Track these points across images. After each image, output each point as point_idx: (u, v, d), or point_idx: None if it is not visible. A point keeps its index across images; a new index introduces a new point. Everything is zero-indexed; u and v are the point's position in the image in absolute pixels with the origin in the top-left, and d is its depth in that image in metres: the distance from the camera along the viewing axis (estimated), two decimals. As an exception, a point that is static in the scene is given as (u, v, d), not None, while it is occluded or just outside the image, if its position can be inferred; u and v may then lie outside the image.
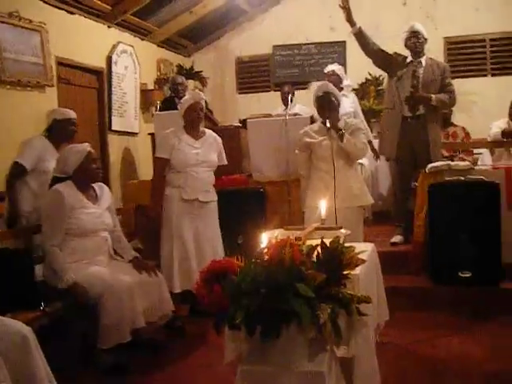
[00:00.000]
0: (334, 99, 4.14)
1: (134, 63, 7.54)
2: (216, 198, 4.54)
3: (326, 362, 2.13)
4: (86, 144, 3.90)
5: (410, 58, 5.38)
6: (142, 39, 7.98)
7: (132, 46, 7.53)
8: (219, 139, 4.61)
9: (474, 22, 8.29)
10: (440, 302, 4.54)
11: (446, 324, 4.23)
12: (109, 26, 7.05)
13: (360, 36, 5.30)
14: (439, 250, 4.60)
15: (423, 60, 5.37)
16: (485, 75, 8.52)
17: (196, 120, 4.44)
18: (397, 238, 5.37)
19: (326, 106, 4.08)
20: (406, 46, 5.41)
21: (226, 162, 4.63)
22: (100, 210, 3.87)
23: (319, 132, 4.09)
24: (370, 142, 6.44)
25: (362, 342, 2.36)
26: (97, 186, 3.97)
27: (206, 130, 4.54)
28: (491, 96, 7.80)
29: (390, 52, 5.48)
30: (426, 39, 5.39)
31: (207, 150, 4.41)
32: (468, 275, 4.50)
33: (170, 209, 4.35)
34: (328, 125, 3.99)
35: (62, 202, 3.64)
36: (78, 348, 3.68)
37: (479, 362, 3.56)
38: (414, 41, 5.32)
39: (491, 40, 8.48)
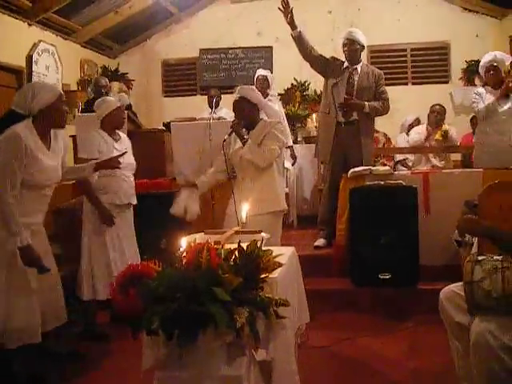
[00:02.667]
0: (246, 105, 4.00)
1: (55, 63, 7.34)
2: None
3: (244, 365, 2.12)
4: None
5: (346, 64, 5.47)
6: (65, 39, 7.79)
7: (54, 46, 7.33)
8: (129, 140, 4.50)
9: (395, 31, 8.57)
10: (361, 303, 4.65)
11: (367, 324, 4.34)
12: (29, 24, 6.84)
13: (300, 39, 5.30)
14: (360, 253, 4.69)
15: (359, 67, 5.47)
16: (406, 84, 8.81)
17: (121, 124, 4.35)
18: (320, 242, 5.43)
19: (237, 111, 4.05)
20: (343, 52, 5.50)
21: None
22: (55, 163, 3.40)
23: (236, 139, 4.07)
24: (290, 147, 6.53)
25: (280, 345, 2.36)
26: (52, 132, 3.44)
27: (120, 133, 4.42)
28: (412, 103, 8.05)
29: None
30: (362, 47, 5.48)
31: (128, 153, 4.33)
32: (388, 277, 4.61)
33: (95, 212, 4.20)
34: (231, 129, 3.95)
35: (22, 147, 3.12)
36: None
37: (399, 360, 3.68)
38: (349, 48, 5.42)
39: (412, 50, 8.79)
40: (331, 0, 8.78)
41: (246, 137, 3.89)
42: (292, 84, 8.63)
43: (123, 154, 3.96)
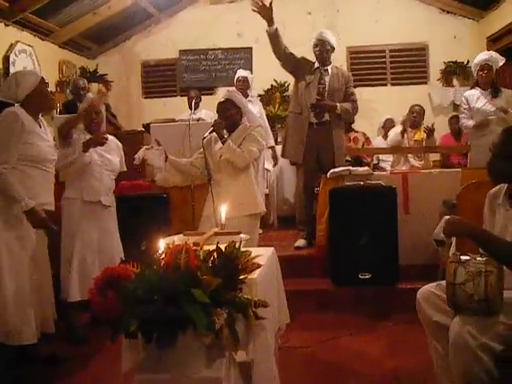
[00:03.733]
0: (232, 107, 4.02)
1: (33, 64, 7.25)
2: (115, 203, 4.44)
3: (223, 367, 2.12)
4: None
5: (317, 65, 5.49)
6: (43, 39, 7.71)
7: (32, 46, 7.25)
8: (120, 145, 4.49)
9: (374, 33, 8.62)
10: (341, 303, 4.66)
11: (347, 324, 4.35)
12: (6, 24, 6.75)
13: (274, 37, 5.27)
14: (340, 253, 4.71)
15: (329, 68, 5.50)
16: (385, 84, 8.87)
17: (94, 124, 4.29)
18: (300, 242, 5.44)
19: (220, 112, 4.06)
20: (313, 52, 5.51)
21: (125, 169, 4.52)
22: (50, 140, 3.66)
23: (217, 139, 4.07)
24: (272, 148, 6.54)
25: (260, 346, 2.36)
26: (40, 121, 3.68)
27: (109, 135, 4.42)
28: (390, 104, 8.11)
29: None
30: (333, 48, 5.50)
31: (110, 154, 4.30)
32: (367, 277, 4.64)
33: (71, 212, 4.19)
34: (212, 128, 3.96)
35: (19, 122, 3.37)
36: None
37: (379, 359, 3.70)
38: (320, 49, 5.44)
39: (391, 51, 8.85)
40: (310, 1, 8.81)
41: (225, 136, 3.90)
42: (272, 85, 8.65)
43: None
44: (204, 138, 3.97)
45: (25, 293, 3.41)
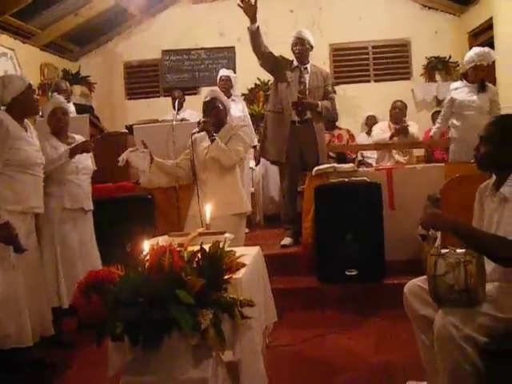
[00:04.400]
0: (219, 105, 4.05)
1: (14, 67, 7.20)
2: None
3: (210, 367, 2.12)
4: None
5: (295, 63, 5.49)
6: (24, 42, 7.65)
7: (12, 50, 7.19)
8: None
9: (357, 29, 8.65)
10: (329, 300, 4.67)
11: (335, 321, 4.36)
12: (-15, 28, 6.71)
13: (255, 35, 5.23)
14: (326, 250, 4.71)
15: (308, 66, 5.51)
16: (368, 81, 8.90)
17: (60, 125, 4.19)
18: (286, 241, 5.44)
19: (207, 110, 4.05)
20: (292, 50, 5.52)
21: (95, 168, 4.45)
22: (36, 144, 3.67)
23: (203, 139, 4.07)
24: (254, 147, 6.54)
25: (247, 345, 2.36)
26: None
27: (75, 136, 4.33)
28: (374, 100, 8.13)
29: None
30: (311, 46, 5.51)
31: (83, 157, 4.24)
32: (354, 273, 4.65)
33: (51, 220, 4.13)
34: (200, 126, 3.95)
35: (3, 128, 3.36)
36: None
37: (367, 355, 3.71)
38: (299, 47, 5.44)
39: (373, 47, 8.88)
40: (293, -1, 8.83)
41: (214, 134, 3.90)
42: (255, 84, 8.65)
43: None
44: (193, 133, 3.96)
45: (18, 296, 3.39)
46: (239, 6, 5.09)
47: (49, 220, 4.09)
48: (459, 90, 5.48)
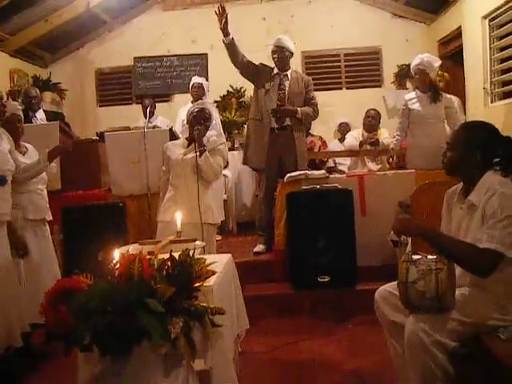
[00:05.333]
0: (208, 116, 4.13)
1: (-17, 74, 7.09)
2: None
3: (181, 376, 2.10)
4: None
5: (276, 70, 5.51)
6: (-7, 48, 7.54)
7: (-19, 56, 7.08)
8: (37, 152, 4.29)
9: (329, 37, 8.70)
10: (301, 307, 4.68)
11: (307, 327, 4.37)
12: (-47, 34, 6.59)
13: (231, 47, 5.29)
14: (299, 257, 4.72)
15: (289, 73, 5.52)
16: (340, 88, 8.96)
17: (17, 133, 4.07)
18: (259, 248, 5.44)
19: (202, 118, 4.06)
20: (272, 59, 5.53)
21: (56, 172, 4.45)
22: (4, 152, 3.71)
23: (181, 147, 4.05)
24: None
25: (218, 354, 2.35)
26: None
27: (27, 145, 4.22)
28: (346, 108, 8.20)
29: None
30: (291, 53, 5.53)
31: None
32: (326, 279, 4.66)
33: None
34: (195, 133, 3.95)
35: None
36: None
37: (340, 361, 3.72)
38: (279, 55, 5.46)
39: (345, 55, 8.95)
40: (265, 7, 8.84)
41: (205, 147, 3.93)
42: (228, 91, 8.63)
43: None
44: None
45: None
46: (216, 13, 5.12)
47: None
48: (413, 101, 5.55)
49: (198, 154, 3.92)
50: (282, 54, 5.46)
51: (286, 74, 5.51)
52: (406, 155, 5.69)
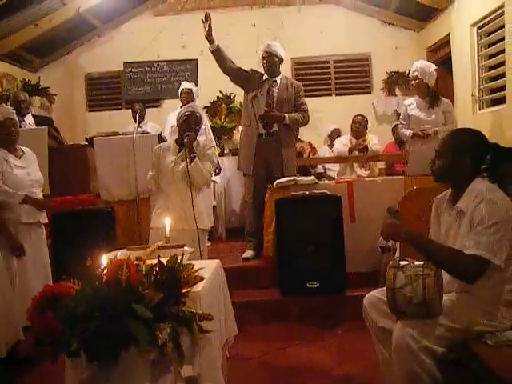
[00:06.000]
0: (198, 119, 4.12)
1: (-29, 78, 7.05)
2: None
3: (168, 382, 2.09)
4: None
5: (266, 76, 5.51)
6: (-18, 52, 7.50)
7: (-31, 60, 7.04)
8: (35, 155, 4.32)
9: (318, 44, 8.73)
10: (290, 313, 4.68)
11: (296, 334, 4.36)
12: None
13: (218, 54, 5.32)
14: (287, 263, 4.71)
15: (278, 79, 5.53)
16: (330, 94, 8.99)
17: (12, 138, 4.08)
18: (248, 254, 5.43)
19: (193, 123, 4.05)
20: (262, 64, 5.54)
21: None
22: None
23: (171, 152, 4.05)
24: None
25: (206, 360, 2.34)
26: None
27: (23, 148, 4.22)
28: (336, 114, 8.21)
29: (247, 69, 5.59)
30: (281, 59, 5.54)
31: (34, 169, 4.17)
32: (315, 286, 4.67)
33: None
34: (185, 140, 3.95)
35: None
36: None
37: (328, 367, 3.72)
38: (268, 61, 5.47)
39: (335, 62, 8.98)
40: (255, 13, 8.87)
41: (195, 154, 3.92)
42: (218, 97, 8.64)
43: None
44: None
45: None
46: (202, 21, 5.13)
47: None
48: (412, 107, 5.59)
49: (188, 161, 3.91)
50: (271, 60, 5.47)
51: (275, 80, 5.52)
52: (408, 161, 5.70)
